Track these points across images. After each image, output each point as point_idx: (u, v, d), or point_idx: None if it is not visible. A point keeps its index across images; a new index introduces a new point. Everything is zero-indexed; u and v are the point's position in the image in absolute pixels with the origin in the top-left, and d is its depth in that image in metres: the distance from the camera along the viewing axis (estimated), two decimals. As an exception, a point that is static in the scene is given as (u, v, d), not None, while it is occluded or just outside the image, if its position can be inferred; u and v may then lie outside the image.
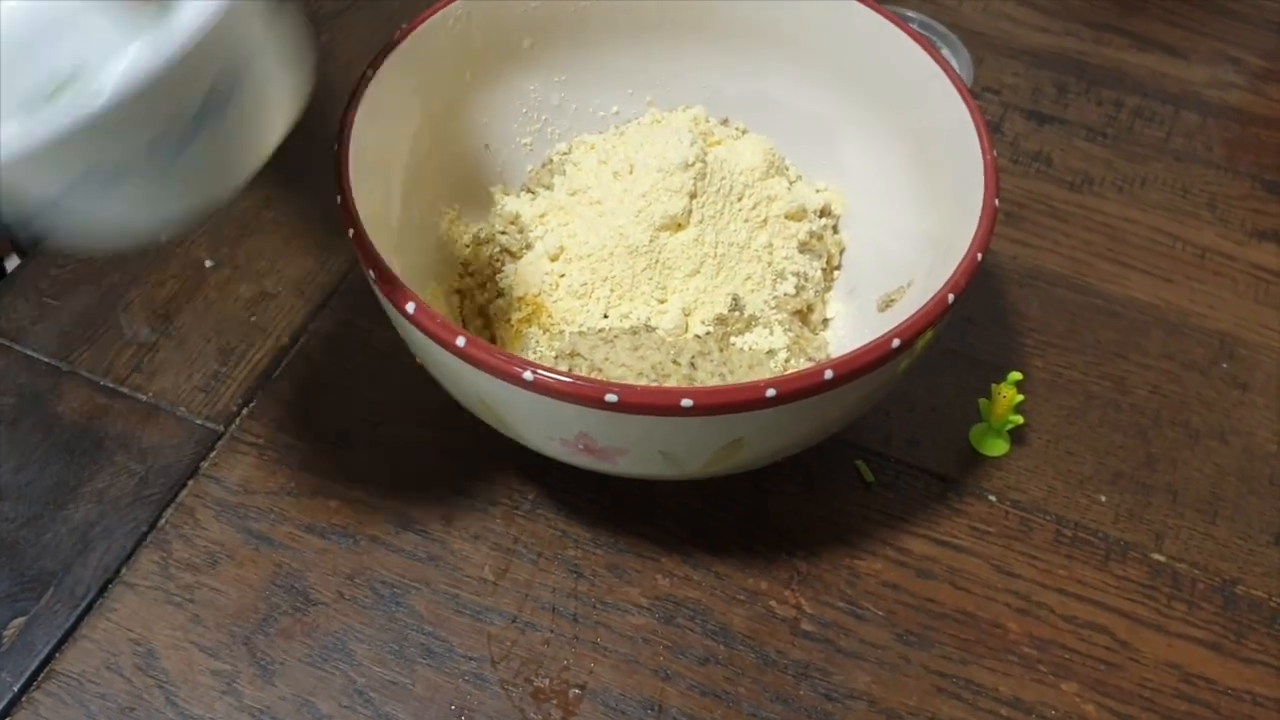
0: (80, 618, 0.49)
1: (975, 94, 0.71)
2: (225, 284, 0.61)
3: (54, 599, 0.49)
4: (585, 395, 0.40)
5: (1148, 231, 0.66)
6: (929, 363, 0.57)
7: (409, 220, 0.53)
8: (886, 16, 0.53)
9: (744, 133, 0.58)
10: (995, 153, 0.48)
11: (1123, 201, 0.67)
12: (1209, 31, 0.78)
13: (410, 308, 0.42)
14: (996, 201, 0.46)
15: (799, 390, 0.41)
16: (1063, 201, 0.67)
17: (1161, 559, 0.53)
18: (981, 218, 0.45)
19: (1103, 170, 0.68)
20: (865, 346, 0.42)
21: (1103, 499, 0.54)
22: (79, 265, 0.61)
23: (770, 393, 0.41)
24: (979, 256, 0.44)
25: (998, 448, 0.55)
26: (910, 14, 0.71)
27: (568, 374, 0.41)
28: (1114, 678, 0.49)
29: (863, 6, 0.53)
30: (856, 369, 0.41)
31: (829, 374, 0.41)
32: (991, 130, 0.70)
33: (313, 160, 0.66)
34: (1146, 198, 0.67)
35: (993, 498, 0.54)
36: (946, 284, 0.43)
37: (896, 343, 0.42)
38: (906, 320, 0.42)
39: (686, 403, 0.40)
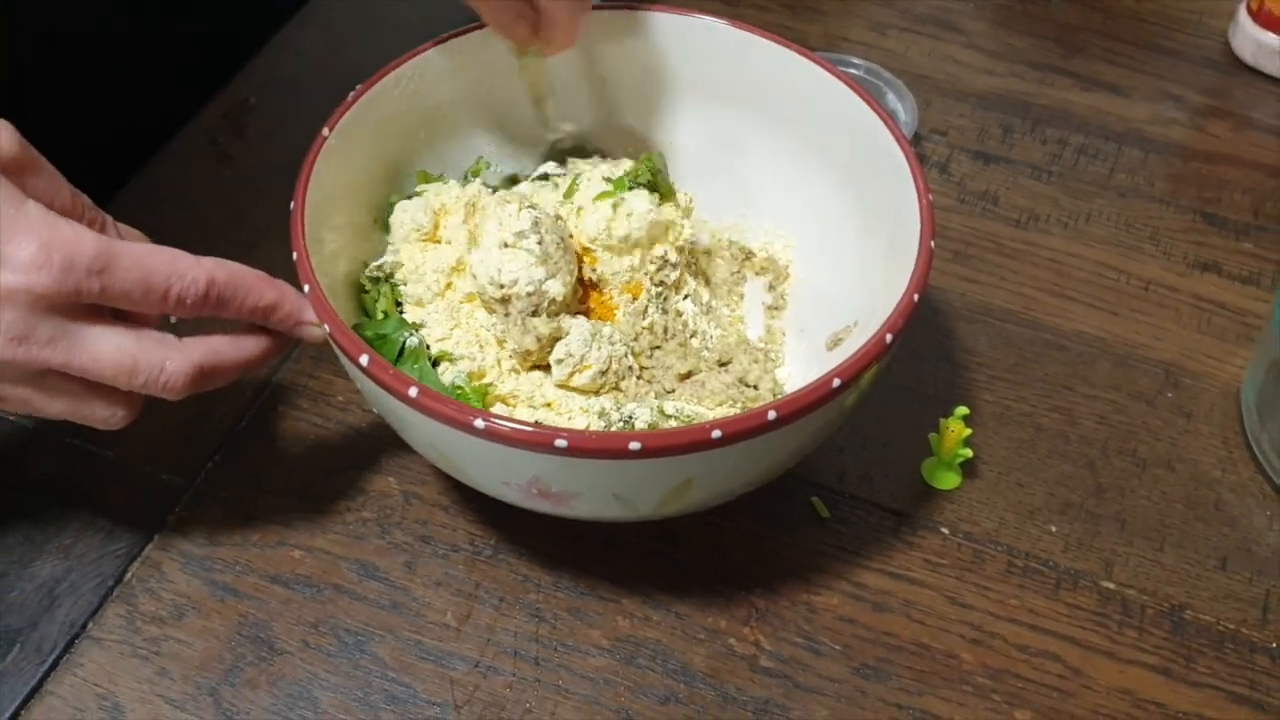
0: (47, 674, 0.50)
1: (922, 136, 0.73)
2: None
3: (20, 656, 0.50)
4: (535, 441, 0.41)
5: (1093, 266, 0.67)
6: (880, 399, 0.59)
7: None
8: (825, 67, 0.54)
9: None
10: (931, 197, 0.49)
11: (1068, 237, 0.69)
12: (1150, 70, 0.80)
13: (364, 360, 0.43)
14: (933, 244, 0.48)
15: (744, 431, 0.42)
16: (1009, 239, 0.68)
17: (1111, 586, 0.54)
18: (918, 260, 0.47)
19: (1048, 207, 0.70)
20: (807, 387, 0.43)
21: (1053, 529, 0.56)
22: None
23: (716, 434, 0.42)
24: (915, 297, 0.46)
25: (949, 481, 0.57)
26: (856, 61, 0.73)
27: (517, 421, 0.42)
28: (1067, 705, 0.50)
29: (801, 58, 0.55)
30: (800, 409, 0.43)
31: (772, 414, 0.42)
32: (939, 171, 0.72)
33: (272, 218, 0.68)
34: (1091, 233, 0.69)
35: (945, 530, 0.55)
36: (885, 324, 0.45)
37: (837, 382, 0.43)
38: (847, 360, 0.44)
39: (634, 445, 0.41)
